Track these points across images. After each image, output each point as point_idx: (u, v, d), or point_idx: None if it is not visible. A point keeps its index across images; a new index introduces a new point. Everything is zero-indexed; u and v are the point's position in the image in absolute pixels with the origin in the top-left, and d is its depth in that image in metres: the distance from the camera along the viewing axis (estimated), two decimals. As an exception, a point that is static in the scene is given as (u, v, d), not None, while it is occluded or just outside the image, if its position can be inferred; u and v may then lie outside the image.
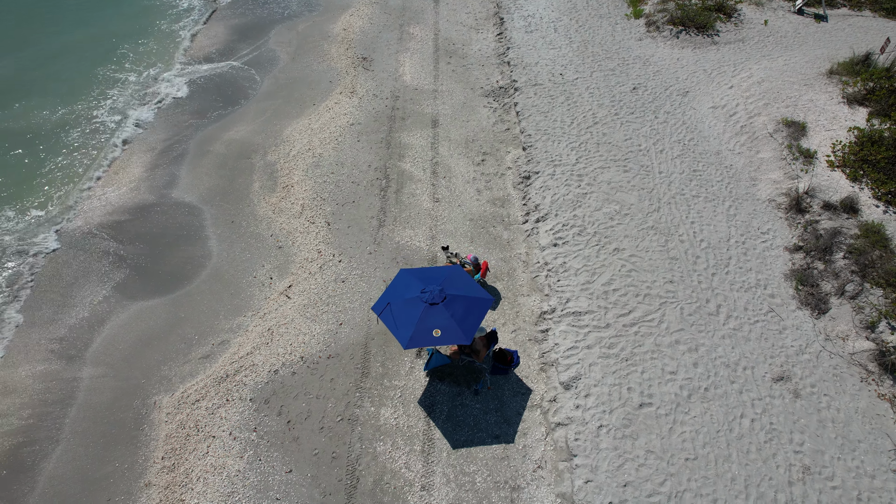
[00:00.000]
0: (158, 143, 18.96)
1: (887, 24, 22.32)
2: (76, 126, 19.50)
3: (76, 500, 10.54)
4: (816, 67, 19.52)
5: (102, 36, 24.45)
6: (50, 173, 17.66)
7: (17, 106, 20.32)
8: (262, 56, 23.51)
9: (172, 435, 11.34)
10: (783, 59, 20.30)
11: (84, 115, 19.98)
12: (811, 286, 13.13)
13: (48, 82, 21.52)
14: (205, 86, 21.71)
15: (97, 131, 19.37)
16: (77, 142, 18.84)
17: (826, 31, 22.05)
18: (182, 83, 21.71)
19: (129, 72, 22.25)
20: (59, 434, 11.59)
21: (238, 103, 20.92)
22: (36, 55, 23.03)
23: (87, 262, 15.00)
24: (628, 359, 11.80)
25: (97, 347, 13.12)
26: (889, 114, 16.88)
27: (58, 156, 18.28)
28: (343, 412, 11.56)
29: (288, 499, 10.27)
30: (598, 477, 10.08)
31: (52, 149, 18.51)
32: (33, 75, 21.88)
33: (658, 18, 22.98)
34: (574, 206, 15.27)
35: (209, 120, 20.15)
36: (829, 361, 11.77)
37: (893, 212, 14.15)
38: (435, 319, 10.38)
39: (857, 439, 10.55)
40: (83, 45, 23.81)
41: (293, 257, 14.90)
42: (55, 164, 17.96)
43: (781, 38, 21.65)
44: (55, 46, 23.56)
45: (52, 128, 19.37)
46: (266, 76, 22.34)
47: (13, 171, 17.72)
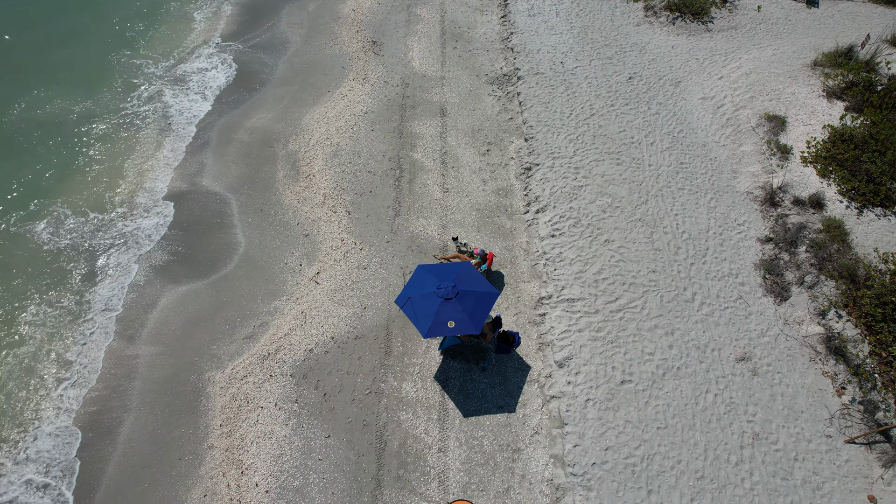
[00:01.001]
0: (183, 130, 20.35)
1: (875, 10, 23.25)
2: (102, 116, 20.78)
3: (152, 458, 12.72)
4: (802, 58, 20.72)
5: (111, 18, 25.19)
6: (88, 163, 19.14)
7: (35, 93, 21.39)
8: (276, 38, 24.48)
9: (226, 406, 13.43)
10: (772, 49, 21.45)
11: (107, 104, 21.20)
12: (777, 275, 14.98)
13: (64, 69, 22.48)
14: (222, 70, 22.84)
15: (124, 120, 20.68)
16: (105, 132, 20.19)
17: (816, 17, 23.03)
18: (199, 67, 22.83)
19: (144, 58, 23.23)
20: (129, 404, 13.68)
21: (255, 89, 22.13)
22: (43, 40, 23.89)
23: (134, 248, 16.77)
24: (613, 341, 13.77)
25: (152, 328, 15.07)
26: (863, 109, 18.28)
27: (91, 147, 19.68)
28: (370, 386, 13.62)
29: (328, 459, 12.44)
30: (585, 442, 12.21)
31: (82, 139, 19.90)
32: (48, 60, 22.85)
33: (656, 3, 23.86)
34: (570, 199, 16.92)
35: (229, 105, 21.44)
36: (785, 343, 13.75)
37: (855, 207, 15.83)
38: (449, 312, 12.25)
39: (801, 410, 12.65)
40: (91, 29, 24.58)
41: (319, 245, 16.66)
42: (90, 155, 19.40)
43: (772, 26, 22.66)
44: (62, 30, 24.25)
45: (80, 118, 20.66)
46: (280, 60, 23.43)
47: (45, 161, 19.17)
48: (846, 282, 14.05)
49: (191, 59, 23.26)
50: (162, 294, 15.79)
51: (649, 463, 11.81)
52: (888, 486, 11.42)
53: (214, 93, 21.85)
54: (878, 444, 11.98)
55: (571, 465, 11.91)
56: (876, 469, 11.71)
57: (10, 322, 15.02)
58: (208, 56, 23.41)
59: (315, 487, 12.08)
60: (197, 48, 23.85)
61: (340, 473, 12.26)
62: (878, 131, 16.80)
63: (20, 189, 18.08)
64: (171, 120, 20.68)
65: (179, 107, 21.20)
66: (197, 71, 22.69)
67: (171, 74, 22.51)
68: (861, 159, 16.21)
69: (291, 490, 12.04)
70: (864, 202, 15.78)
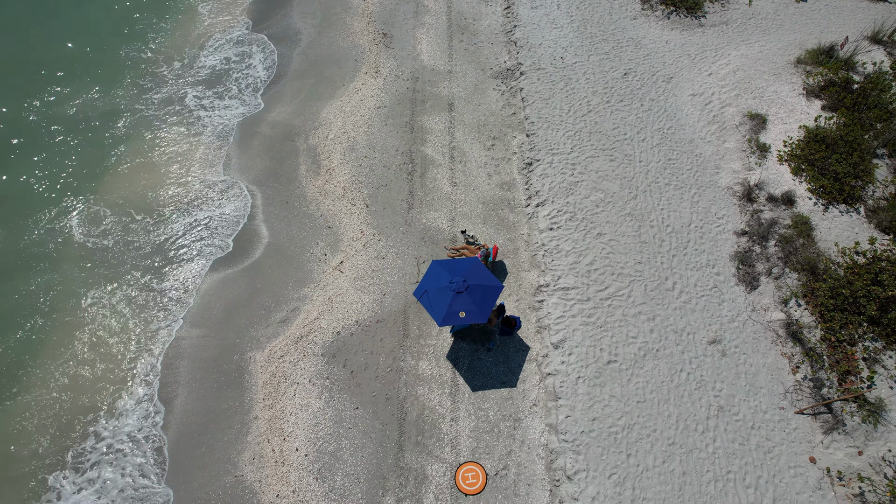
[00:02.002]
0: (206, 122, 21.88)
1: (860, 5, 24.35)
2: (124, 110, 22.25)
3: (206, 427, 14.89)
4: (787, 55, 22.05)
5: (121, 11, 26.27)
6: (117, 157, 20.75)
7: (58, 89, 22.77)
8: (289, 29, 25.64)
9: (267, 382, 15.54)
10: (759, 45, 22.74)
11: (129, 100, 22.64)
12: (749, 266, 16.87)
13: (83, 64, 23.73)
14: (238, 62, 24.14)
15: (143, 116, 22.17)
16: (131, 129, 21.71)
17: (804, 12, 24.17)
18: (215, 60, 24.12)
19: (157, 52, 24.48)
20: (181, 380, 15.78)
21: (273, 81, 23.51)
22: (58, 33, 25.06)
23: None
24: (602, 326, 15.78)
25: (195, 312, 17.06)
26: (838, 108, 19.80)
27: (119, 142, 21.24)
28: (391, 364, 15.69)
29: (357, 428, 14.62)
30: (575, 413, 14.35)
31: (114, 136, 21.44)
32: (64, 54, 24.10)
33: (653, -4, 24.97)
34: (567, 194, 18.66)
35: (251, 98, 22.85)
36: (752, 328, 15.76)
37: (821, 204, 17.59)
38: (461, 304, 14.18)
39: (760, 386, 14.75)
40: (103, 22, 25.67)
41: (341, 236, 18.48)
42: (118, 150, 20.99)
43: (762, 21, 23.84)
44: (72, 23, 25.34)
45: (101, 114, 22.12)
46: (295, 52, 24.69)
47: (70, 158, 20.77)
48: (807, 274, 15.96)
49: (212, 51, 24.49)
50: (203, 280, 17.71)
51: (629, 431, 13.98)
52: (826, 449, 13.61)
53: (238, 86, 23.21)
54: (822, 414, 14.12)
55: (563, 433, 14.08)
56: (818, 435, 13.88)
57: (83, 310, 17.00)
58: (230, 46, 24.62)
59: (347, 451, 14.29)
60: (216, 38, 25.02)
61: (368, 440, 14.45)
62: (847, 132, 18.38)
63: (55, 187, 19.76)
64: (196, 115, 22.15)
65: (203, 102, 22.62)
66: (220, 63, 23.97)
67: (193, 66, 23.81)
68: (829, 160, 17.86)
69: (327, 454, 14.25)
70: (830, 199, 17.52)
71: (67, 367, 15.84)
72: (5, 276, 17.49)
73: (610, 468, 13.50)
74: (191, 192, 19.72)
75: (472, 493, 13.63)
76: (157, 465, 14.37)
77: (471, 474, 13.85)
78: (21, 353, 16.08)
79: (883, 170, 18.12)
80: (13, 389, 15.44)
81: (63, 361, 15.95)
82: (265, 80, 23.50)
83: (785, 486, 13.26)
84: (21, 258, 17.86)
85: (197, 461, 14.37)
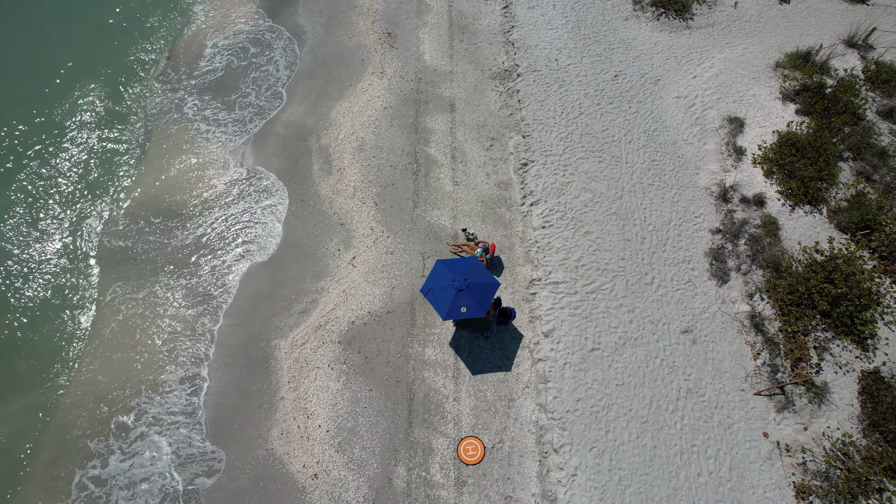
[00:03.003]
0: (224, 124, 23.35)
1: (839, 7, 25.55)
2: (143, 110, 23.68)
3: (239, 406, 16.91)
4: (767, 59, 23.43)
5: (128, 13, 27.36)
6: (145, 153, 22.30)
7: (78, 91, 24.19)
8: (298, 27, 26.80)
9: (291, 367, 17.50)
10: (742, 48, 24.08)
11: (139, 99, 24.04)
12: (721, 262, 18.70)
13: (99, 65, 25.01)
14: (251, 60, 25.43)
15: (158, 114, 23.60)
16: (152, 127, 23.18)
17: (786, 14, 25.38)
18: (225, 57, 25.41)
19: (169, 50, 25.72)
20: (214, 364, 17.74)
21: (284, 80, 24.85)
22: (73, 35, 26.24)
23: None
24: (587, 317, 17.69)
25: (221, 303, 18.91)
26: (810, 112, 21.34)
27: (141, 144, 22.75)
28: (401, 351, 17.64)
29: (371, 407, 16.65)
30: (562, 394, 16.37)
31: (136, 136, 22.93)
32: (78, 57, 25.35)
33: (644, -3, 26.13)
34: (559, 194, 20.34)
35: (266, 98, 24.25)
36: (721, 319, 17.68)
37: (788, 205, 19.31)
38: (462, 300, 16.02)
39: (725, 370, 16.74)
40: (107, 24, 26.82)
41: (353, 233, 20.21)
42: (143, 147, 22.52)
43: (745, 23, 25.08)
44: (88, 24, 26.45)
45: (128, 113, 23.56)
46: (304, 50, 25.94)
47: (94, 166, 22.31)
48: (771, 271, 17.81)
49: (223, 49, 25.75)
50: (230, 272, 19.52)
51: (608, 411, 16.03)
52: (777, 426, 15.68)
53: (252, 86, 24.58)
54: (776, 395, 16.15)
55: (552, 412, 16.12)
56: (772, 413, 15.94)
57: (130, 301, 18.86)
58: (245, 44, 25.87)
59: (363, 427, 16.35)
60: (218, 38, 26.23)
61: (381, 417, 16.50)
62: (815, 138, 19.98)
63: (94, 186, 21.37)
64: (211, 113, 23.60)
65: (217, 101, 24.03)
66: (235, 60, 25.27)
67: (211, 65, 25.12)
68: (798, 165, 19.50)
69: (346, 430, 16.31)
70: (796, 201, 19.24)
71: (114, 351, 17.78)
72: (63, 273, 19.28)
73: (591, 442, 15.58)
74: (221, 191, 21.34)
75: (472, 463, 15.73)
76: (200, 437, 16.43)
77: (471, 447, 15.93)
78: (71, 339, 17.99)
79: (847, 172, 19.79)
80: (72, 369, 17.42)
81: (110, 345, 17.89)
82: (282, 81, 24.80)
83: (741, 456, 15.37)
84: (73, 256, 19.62)
85: (232, 436, 16.43)
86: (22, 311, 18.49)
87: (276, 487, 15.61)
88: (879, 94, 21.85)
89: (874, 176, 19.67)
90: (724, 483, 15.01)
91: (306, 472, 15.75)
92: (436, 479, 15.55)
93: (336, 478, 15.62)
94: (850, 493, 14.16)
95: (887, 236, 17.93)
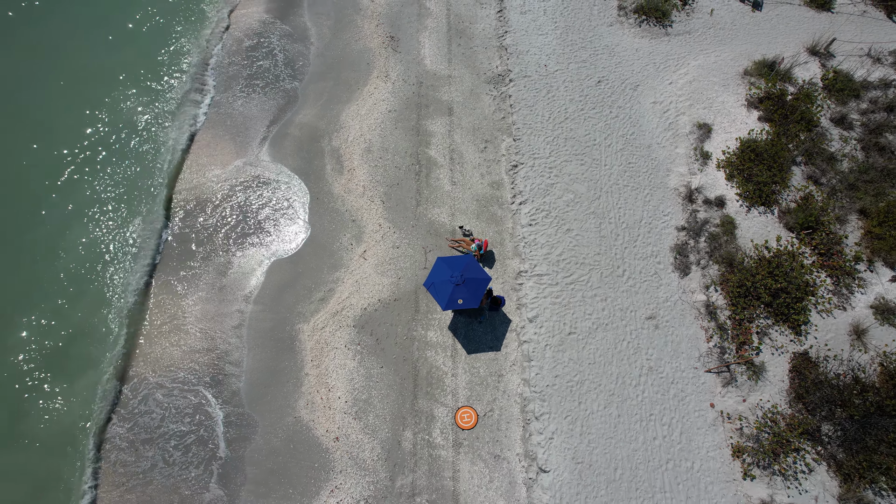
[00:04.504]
0: (240, 120, 25.55)
1: (807, 14, 27.46)
2: (164, 113, 25.80)
3: (269, 381, 19.79)
4: (736, 66, 25.55)
5: (146, 19, 29.08)
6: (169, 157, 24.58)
7: (107, 99, 26.22)
8: (306, 30, 28.63)
9: (314, 348, 20.31)
10: (715, 55, 26.16)
11: (159, 100, 26.12)
12: (684, 256, 21.35)
13: (120, 71, 27.00)
14: (262, 64, 27.42)
15: (178, 114, 25.75)
16: (162, 127, 25.37)
17: (758, 21, 27.33)
18: (239, 61, 27.37)
19: (185, 54, 27.63)
20: (246, 344, 20.54)
21: (296, 82, 26.90)
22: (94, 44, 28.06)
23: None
24: (566, 305, 20.44)
25: (256, 292, 21.59)
26: (771, 119, 23.65)
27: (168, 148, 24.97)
28: (407, 333, 20.44)
29: (383, 382, 19.54)
30: (543, 371, 19.26)
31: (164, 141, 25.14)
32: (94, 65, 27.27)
33: (628, 4, 27.97)
34: (544, 194, 22.81)
35: (278, 101, 26.37)
36: (681, 307, 20.45)
37: (745, 207, 21.83)
38: (459, 293, 18.70)
39: (682, 351, 19.61)
40: (125, 31, 28.60)
41: (364, 228, 22.74)
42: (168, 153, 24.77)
43: (720, 31, 27.05)
44: (106, 32, 28.19)
45: (154, 119, 25.69)
46: (312, 53, 27.87)
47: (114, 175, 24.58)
48: (725, 266, 20.50)
49: (238, 53, 27.67)
50: (257, 266, 22.15)
51: (581, 385, 18.96)
52: (722, 398, 18.64)
53: (267, 88, 26.66)
54: (723, 373, 19.06)
55: (534, 386, 19.04)
56: (718, 388, 18.88)
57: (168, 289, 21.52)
58: (255, 48, 27.78)
59: (376, 398, 19.28)
60: (230, 42, 28.11)
61: (391, 390, 19.42)
62: (773, 144, 22.37)
63: (130, 187, 23.74)
64: (228, 113, 25.77)
65: (233, 102, 26.14)
66: (247, 65, 27.25)
67: (218, 69, 27.11)
68: (754, 171, 21.95)
69: (361, 401, 19.24)
70: (752, 203, 21.77)
71: (162, 335, 20.54)
72: (112, 264, 21.85)
73: (566, 411, 18.55)
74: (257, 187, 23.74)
75: (467, 428, 18.72)
76: (239, 407, 19.36)
77: (466, 415, 18.89)
78: (132, 322, 20.75)
79: (798, 176, 22.27)
80: (132, 347, 20.23)
81: (159, 330, 20.65)
82: (294, 82, 26.86)
83: (690, 423, 18.38)
84: (123, 249, 22.16)
85: (266, 406, 19.36)
86: (76, 300, 21.14)
87: (304, 448, 18.63)
88: (834, 102, 24.11)
89: (822, 179, 22.15)
90: (675, 445, 18.06)
91: (329, 435, 18.74)
92: (437, 441, 18.57)
93: (354, 440, 18.62)
94: (773, 453, 17.24)
95: (826, 235, 20.56)
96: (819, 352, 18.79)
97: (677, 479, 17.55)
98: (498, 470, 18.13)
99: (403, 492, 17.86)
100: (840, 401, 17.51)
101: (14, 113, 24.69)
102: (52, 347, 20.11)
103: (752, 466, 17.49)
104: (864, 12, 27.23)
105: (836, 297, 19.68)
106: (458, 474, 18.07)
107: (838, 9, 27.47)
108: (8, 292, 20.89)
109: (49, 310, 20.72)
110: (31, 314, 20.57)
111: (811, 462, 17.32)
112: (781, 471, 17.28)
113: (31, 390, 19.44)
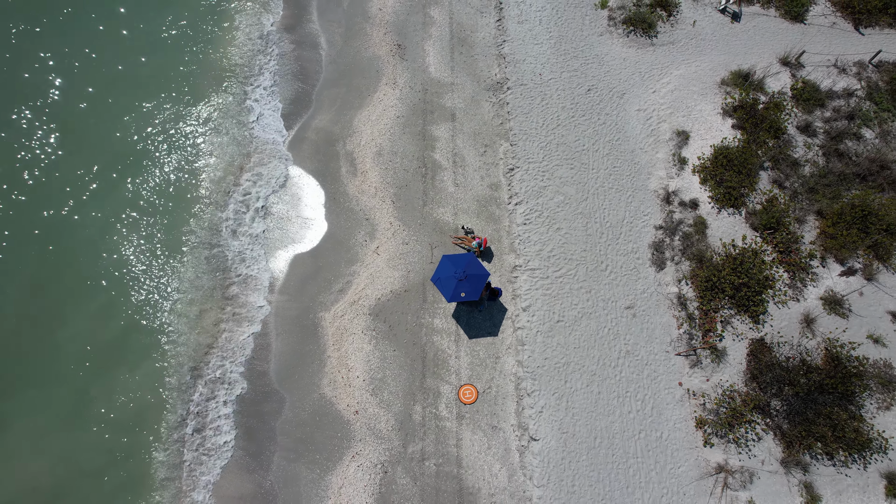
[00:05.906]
0: (265, 130, 27.80)
1: (782, 26, 29.46)
2: (206, 122, 28.00)
3: (296, 362, 22.52)
4: (715, 76, 27.72)
5: (178, 28, 31.01)
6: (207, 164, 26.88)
7: (151, 104, 28.37)
8: (318, 37, 30.60)
9: (334, 333, 22.99)
10: (696, 65, 28.30)
11: (202, 111, 28.30)
12: (660, 253, 23.92)
13: (148, 79, 29.07)
14: (278, 68, 29.51)
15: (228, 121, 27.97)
16: (195, 133, 27.60)
17: (736, 32, 29.35)
18: (270, 66, 29.46)
19: (196, 61, 29.70)
20: (274, 331, 23.21)
21: (310, 87, 29.02)
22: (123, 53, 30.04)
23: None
24: (555, 296, 23.07)
25: (280, 283, 24.18)
26: (743, 127, 25.96)
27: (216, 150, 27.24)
28: (416, 321, 23.11)
29: (395, 363, 22.28)
30: (534, 354, 22.00)
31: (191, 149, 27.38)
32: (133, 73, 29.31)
33: (617, 15, 29.96)
34: (538, 196, 25.25)
35: (296, 106, 28.56)
36: (656, 298, 23.09)
37: (716, 208, 24.31)
38: (462, 287, 21.27)
39: (656, 337, 22.31)
40: (166, 36, 30.56)
41: (376, 226, 25.21)
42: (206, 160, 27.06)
43: (701, 41, 29.09)
44: (137, 45, 30.19)
45: (182, 125, 27.89)
46: (324, 59, 29.92)
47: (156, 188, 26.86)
48: (696, 262, 23.09)
49: (261, 58, 29.71)
50: (285, 260, 24.70)
51: (567, 367, 21.72)
52: (689, 378, 21.43)
53: (283, 95, 28.80)
54: (690, 356, 21.81)
55: (526, 366, 21.79)
56: (686, 369, 21.66)
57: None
58: (276, 55, 29.82)
59: (389, 377, 22.05)
60: (261, 47, 30.12)
61: (402, 370, 22.17)
62: (743, 151, 24.75)
63: (167, 187, 26.10)
64: (254, 119, 27.98)
65: (260, 108, 28.33)
66: (270, 70, 29.33)
67: (246, 77, 29.20)
68: (725, 176, 24.37)
69: (377, 380, 22.01)
70: (722, 205, 24.25)
71: (201, 323, 23.20)
72: (161, 259, 24.37)
73: (553, 388, 21.36)
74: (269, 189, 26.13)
75: (468, 403, 21.55)
76: (271, 385, 22.14)
77: (468, 392, 21.69)
78: (180, 316, 23.38)
79: (765, 180, 24.71)
80: (179, 333, 22.90)
81: (198, 318, 23.31)
82: (311, 89, 28.99)
83: (661, 399, 21.21)
84: (170, 249, 24.65)
85: (293, 384, 22.12)
86: (129, 295, 23.73)
87: (328, 420, 21.45)
88: (801, 111, 26.41)
89: (786, 183, 24.60)
90: (647, 418, 20.91)
91: (349, 409, 21.55)
92: (443, 415, 21.40)
93: (371, 413, 21.44)
94: (729, 424, 20.11)
95: (786, 234, 23.12)
96: (773, 338, 21.52)
97: (648, 447, 20.44)
98: (495, 438, 20.99)
99: (414, 457, 20.74)
100: (788, 380, 20.29)
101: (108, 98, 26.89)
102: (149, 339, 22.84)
103: (711, 436, 20.37)
104: (834, 24, 29.27)
105: (791, 290, 22.34)
106: (460, 442, 20.94)
107: (810, 20, 29.48)
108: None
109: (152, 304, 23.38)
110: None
111: (760, 432, 20.22)
112: (735, 439, 20.17)
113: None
